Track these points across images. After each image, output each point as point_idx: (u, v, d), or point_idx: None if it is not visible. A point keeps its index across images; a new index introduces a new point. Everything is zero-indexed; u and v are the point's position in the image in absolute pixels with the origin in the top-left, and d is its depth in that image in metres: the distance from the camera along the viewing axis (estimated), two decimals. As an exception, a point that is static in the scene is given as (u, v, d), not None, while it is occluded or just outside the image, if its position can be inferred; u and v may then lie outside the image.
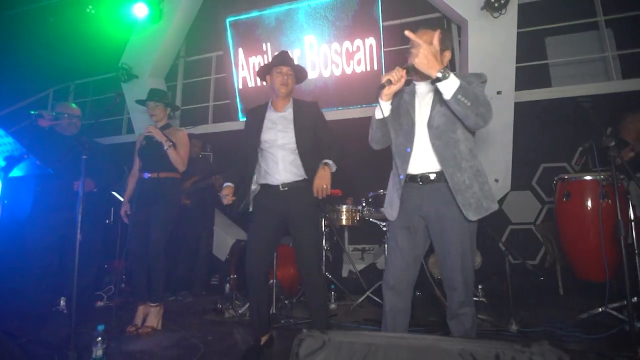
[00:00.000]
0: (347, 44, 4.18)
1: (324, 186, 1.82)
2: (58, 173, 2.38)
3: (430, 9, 4.07)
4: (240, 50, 4.60)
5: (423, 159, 1.47)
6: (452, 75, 1.29)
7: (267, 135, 1.96)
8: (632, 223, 2.12)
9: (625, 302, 1.74)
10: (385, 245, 2.94)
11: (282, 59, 1.99)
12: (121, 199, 2.68)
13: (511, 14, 3.31)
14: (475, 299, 2.88)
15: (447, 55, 1.49)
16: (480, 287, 3.02)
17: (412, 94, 1.55)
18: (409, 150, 1.48)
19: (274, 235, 1.96)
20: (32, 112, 2.69)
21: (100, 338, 1.80)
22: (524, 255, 3.84)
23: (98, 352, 1.78)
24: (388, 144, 1.61)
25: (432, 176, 1.46)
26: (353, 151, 3.95)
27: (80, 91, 5.70)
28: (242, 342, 2.16)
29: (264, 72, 2.05)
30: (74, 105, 2.84)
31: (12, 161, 2.00)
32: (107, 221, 3.59)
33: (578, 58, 3.99)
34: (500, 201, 3.93)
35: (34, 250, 2.50)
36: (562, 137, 3.75)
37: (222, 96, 4.91)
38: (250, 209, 1.99)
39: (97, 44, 4.73)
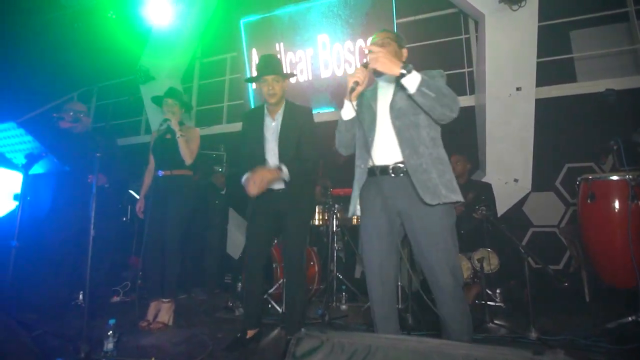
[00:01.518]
0: (360, 42, 4.13)
1: (259, 179, 1.84)
2: (74, 170, 2.47)
3: (445, 5, 3.96)
4: (254, 50, 4.64)
5: (386, 148, 1.46)
6: (413, 70, 1.33)
7: (265, 145, 2.05)
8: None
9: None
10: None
11: (265, 68, 2.00)
12: (138, 197, 2.75)
13: (531, 7, 3.16)
14: (492, 303, 2.78)
15: (405, 53, 1.59)
16: (498, 291, 2.91)
17: (374, 90, 1.59)
18: (370, 139, 1.47)
19: (268, 237, 2.10)
20: (55, 114, 2.80)
21: (111, 332, 1.84)
22: (546, 259, 3.65)
23: (109, 345, 1.82)
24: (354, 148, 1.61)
25: (401, 166, 1.43)
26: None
27: (103, 94, 5.91)
28: (261, 339, 2.15)
29: (254, 80, 2.11)
30: (78, 103, 2.92)
31: (32, 159, 2.09)
32: (124, 218, 3.68)
33: (606, 51, 3.77)
34: (521, 202, 3.77)
35: (52, 245, 2.59)
36: (588, 135, 3.55)
37: (236, 96, 4.97)
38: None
39: (118, 47, 4.89)
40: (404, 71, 1.31)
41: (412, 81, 1.32)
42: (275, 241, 2.91)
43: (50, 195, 2.66)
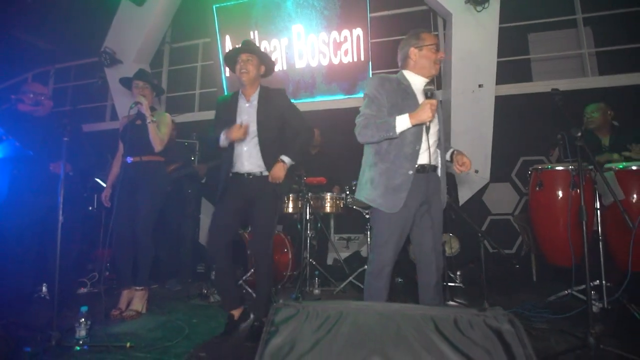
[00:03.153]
0: (334, 34, 4.20)
1: (279, 178, 1.97)
2: (35, 156, 2.35)
3: (417, 2, 4.12)
4: (228, 37, 4.56)
5: (432, 151, 1.70)
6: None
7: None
8: (597, 211, 2.26)
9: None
10: (370, 234, 3.02)
11: (242, 47, 2.05)
12: (105, 186, 2.65)
13: (493, 9, 3.39)
14: (452, 284, 3.01)
15: None
16: (458, 273, 3.15)
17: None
18: (417, 148, 1.65)
19: (235, 217, 2.05)
20: (13, 96, 2.62)
21: (83, 319, 1.82)
22: (501, 244, 3.99)
23: (81, 332, 1.80)
24: None
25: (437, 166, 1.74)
26: (338, 140, 4.02)
27: (61, 76, 5.53)
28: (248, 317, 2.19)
29: (230, 63, 2.11)
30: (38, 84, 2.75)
31: (-10, 143, 1.97)
32: (90, 208, 3.55)
33: (557, 54, 4.12)
34: (481, 192, 4.07)
35: (13, 235, 2.46)
36: (542, 131, 3.88)
37: (208, 84, 4.87)
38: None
39: (80, 26, 4.60)
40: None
41: None
42: (250, 228, 2.95)
43: (6, 182, 2.51)
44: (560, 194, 2.44)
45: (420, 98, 1.66)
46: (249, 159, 2.02)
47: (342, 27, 4.17)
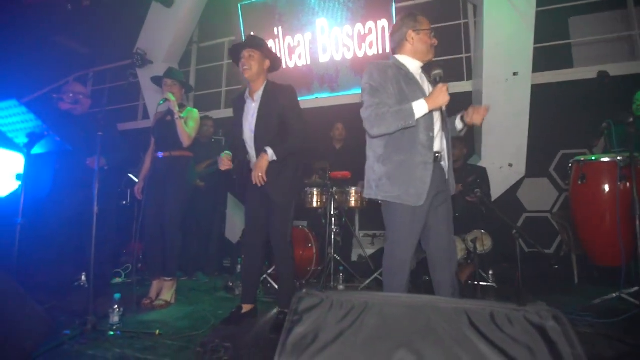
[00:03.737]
0: (359, 26, 4.12)
1: (259, 174, 1.94)
2: (74, 151, 2.48)
3: (445, -11, 3.95)
4: (252, 34, 4.59)
5: (442, 140, 1.63)
6: None
7: (245, 126, 2.08)
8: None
9: None
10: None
11: (243, 43, 2.04)
12: (137, 181, 2.77)
13: (530, -8, 3.17)
14: (485, 283, 2.87)
15: None
16: (491, 272, 2.99)
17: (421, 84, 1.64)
18: (432, 135, 1.56)
19: (263, 210, 2.09)
20: (55, 95, 2.79)
21: (116, 305, 1.90)
22: (539, 244, 3.75)
23: (114, 318, 1.88)
24: None
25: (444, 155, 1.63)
26: (362, 134, 3.95)
27: (99, 79, 5.85)
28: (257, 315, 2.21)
29: (234, 59, 2.10)
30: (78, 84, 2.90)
31: (34, 138, 2.10)
32: (123, 202, 3.71)
33: (602, 37, 3.79)
34: (515, 188, 3.84)
35: (55, 225, 2.62)
36: (584, 122, 3.59)
37: (234, 81, 4.95)
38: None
39: (115, 31, 4.82)
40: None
41: None
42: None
43: (51, 175, 2.68)
44: (606, 187, 2.23)
45: (422, 83, 1.61)
46: (256, 155, 2.06)
47: (366, 19, 4.08)
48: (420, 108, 1.47)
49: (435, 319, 0.79)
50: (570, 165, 2.46)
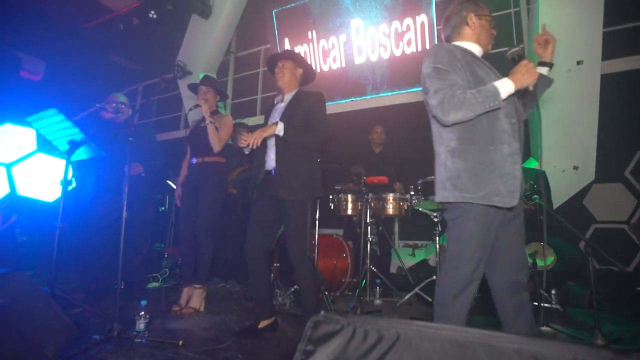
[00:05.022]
0: (396, 24, 3.91)
1: (257, 135, 1.86)
2: (114, 157, 2.56)
3: (492, -23, 3.60)
4: (287, 40, 4.59)
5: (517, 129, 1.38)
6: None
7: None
8: None
9: None
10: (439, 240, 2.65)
11: (278, 54, 2.16)
12: (175, 187, 2.82)
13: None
14: (547, 305, 2.47)
15: None
16: (554, 292, 2.58)
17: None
18: (514, 121, 1.33)
19: (270, 220, 2.00)
20: (97, 104, 2.93)
21: (142, 312, 1.87)
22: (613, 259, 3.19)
23: (140, 325, 1.86)
24: None
25: None
26: (402, 136, 3.70)
27: (147, 92, 6.24)
28: (278, 329, 2.09)
29: (270, 68, 2.18)
30: (120, 95, 3.02)
31: (73, 145, 2.18)
32: (162, 208, 3.82)
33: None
34: (582, 195, 3.34)
35: (96, 230, 2.72)
36: (666, 117, 3.05)
37: (270, 88, 4.97)
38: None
39: (160, 46, 5.09)
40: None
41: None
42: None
43: (92, 182, 2.80)
44: None
45: (488, 68, 1.37)
46: (270, 155, 2.02)
47: (404, 16, 3.87)
48: (505, 86, 1.24)
49: (492, 365, 0.57)
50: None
